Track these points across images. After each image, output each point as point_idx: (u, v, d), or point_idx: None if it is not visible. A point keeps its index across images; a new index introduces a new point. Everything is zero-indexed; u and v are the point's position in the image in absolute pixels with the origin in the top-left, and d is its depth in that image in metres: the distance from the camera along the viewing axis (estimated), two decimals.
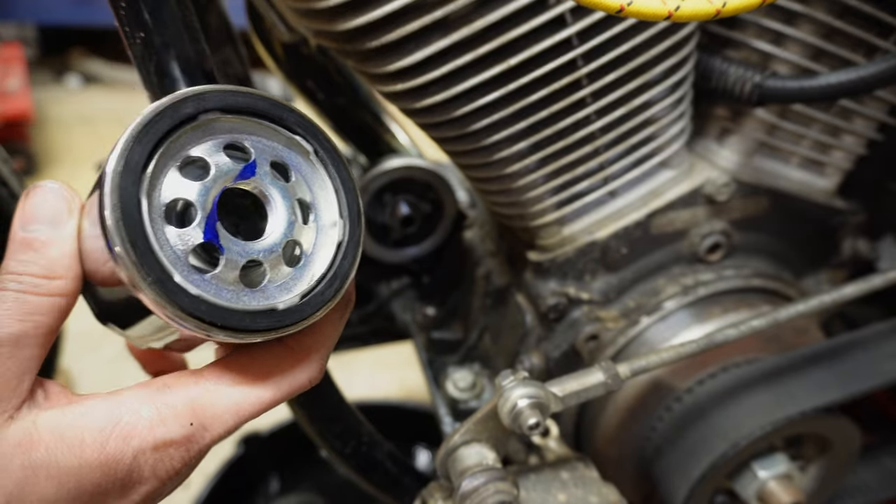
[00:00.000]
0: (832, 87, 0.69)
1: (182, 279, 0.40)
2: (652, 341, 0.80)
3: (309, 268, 0.46)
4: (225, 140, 0.44)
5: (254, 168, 0.44)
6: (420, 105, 0.66)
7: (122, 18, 0.50)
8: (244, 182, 0.44)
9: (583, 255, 0.80)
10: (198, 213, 0.42)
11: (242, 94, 0.45)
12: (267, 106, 0.46)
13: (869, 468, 0.96)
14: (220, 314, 0.41)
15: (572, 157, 0.73)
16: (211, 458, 1.65)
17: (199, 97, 0.43)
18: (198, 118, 0.43)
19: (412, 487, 0.82)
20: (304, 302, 0.44)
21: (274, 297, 0.44)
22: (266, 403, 0.47)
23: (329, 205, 0.48)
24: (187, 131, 0.43)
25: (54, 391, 0.44)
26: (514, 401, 0.60)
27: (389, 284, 1.14)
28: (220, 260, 0.42)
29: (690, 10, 0.48)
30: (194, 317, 0.40)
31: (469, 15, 0.61)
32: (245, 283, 0.43)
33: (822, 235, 0.88)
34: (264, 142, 0.46)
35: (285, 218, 0.45)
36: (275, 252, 0.44)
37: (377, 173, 1.00)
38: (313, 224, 0.47)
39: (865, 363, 0.79)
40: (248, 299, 0.43)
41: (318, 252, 0.47)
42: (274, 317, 0.43)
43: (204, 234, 0.42)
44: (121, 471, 0.42)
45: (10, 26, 4.06)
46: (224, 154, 0.44)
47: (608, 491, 0.71)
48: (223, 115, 0.44)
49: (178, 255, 0.41)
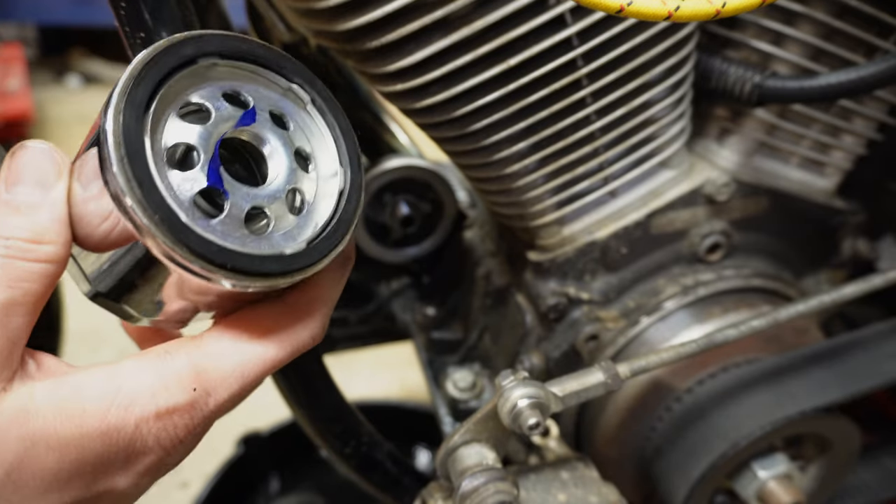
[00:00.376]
0: (832, 87, 0.69)
1: (189, 220, 0.39)
2: (652, 341, 0.80)
3: (312, 216, 0.46)
4: (223, 88, 0.44)
5: (254, 115, 0.44)
6: (420, 105, 0.66)
7: (122, 18, 0.50)
8: (243, 130, 0.44)
9: (583, 255, 0.80)
10: (200, 157, 0.41)
11: (241, 39, 0.44)
12: (265, 53, 0.45)
13: (869, 468, 0.96)
14: (228, 256, 0.40)
15: (572, 157, 0.73)
16: (211, 458, 1.65)
17: (198, 39, 0.42)
18: (196, 62, 0.42)
19: (412, 487, 0.82)
20: (311, 247, 0.44)
21: (280, 245, 0.43)
22: (270, 363, 0.45)
23: (328, 154, 0.47)
24: (186, 76, 0.42)
25: (49, 362, 0.43)
26: (514, 401, 0.60)
27: (389, 284, 1.14)
28: (225, 204, 0.41)
29: (690, 10, 0.48)
30: (204, 258, 0.39)
31: (469, 15, 0.61)
32: (250, 231, 0.43)
33: (822, 235, 0.88)
34: (262, 91, 0.46)
35: (286, 165, 0.45)
36: (278, 198, 0.44)
37: (377, 173, 1.00)
38: (314, 173, 0.47)
39: (865, 363, 0.79)
40: (255, 245, 0.42)
41: (321, 201, 0.46)
42: (282, 261, 0.42)
43: (208, 177, 0.41)
44: (123, 440, 0.40)
45: (10, 26, 4.06)
46: (223, 101, 0.43)
47: (608, 491, 0.71)
48: (221, 62, 0.44)
49: (183, 199, 0.40)
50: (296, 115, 0.47)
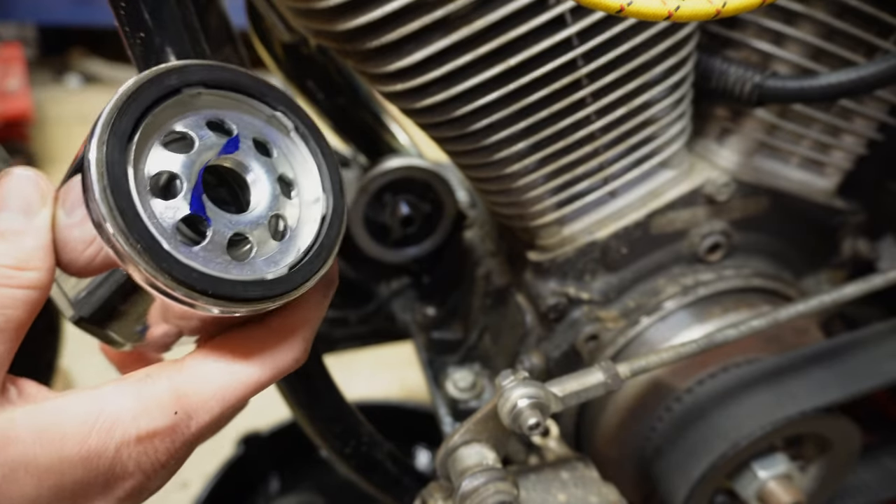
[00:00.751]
0: (832, 87, 0.69)
1: (171, 248, 0.40)
2: (652, 341, 0.80)
3: (295, 241, 0.46)
4: (207, 116, 0.45)
5: (237, 143, 0.45)
6: (420, 105, 0.66)
7: (122, 18, 0.50)
8: (227, 157, 0.44)
9: (583, 255, 0.80)
10: (183, 185, 0.42)
11: (224, 69, 0.45)
12: (248, 82, 0.46)
13: (869, 468, 0.96)
14: (210, 282, 0.40)
15: (572, 157, 0.73)
16: (211, 458, 1.65)
17: (182, 70, 0.43)
18: (181, 91, 0.43)
19: (412, 487, 0.82)
20: (293, 272, 0.44)
21: (262, 270, 0.44)
22: (252, 386, 0.45)
23: (311, 180, 0.48)
24: (170, 106, 0.43)
25: (29, 388, 0.43)
26: (514, 401, 0.60)
27: (389, 284, 1.14)
28: (208, 231, 0.42)
29: (690, 10, 0.48)
30: (185, 284, 0.40)
31: (469, 15, 0.61)
32: (233, 257, 0.43)
33: (822, 235, 0.88)
34: (246, 118, 0.46)
35: (269, 192, 0.46)
36: (260, 224, 0.45)
37: (377, 173, 1.00)
38: (296, 199, 0.47)
39: (865, 363, 0.79)
40: (237, 271, 0.43)
41: (303, 226, 0.47)
42: (264, 286, 0.43)
43: (190, 205, 0.42)
44: (103, 465, 0.40)
45: (10, 26, 4.06)
46: (207, 129, 0.44)
47: (608, 491, 0.71)
48: (205, 91, 0.44)
49: (166, 227, 0.41)
50: (279, 141, 0.48)
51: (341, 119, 1.07)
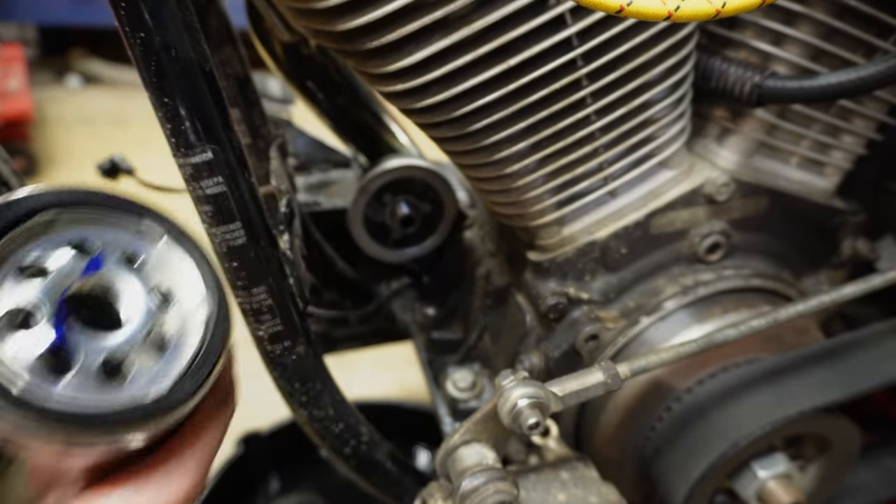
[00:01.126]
0: (832, 87, 0.69)
1: (24, 392, 0.36)
2: (652, 341, 0.80)
3: (181, 351, 0.43)
4: (68, 237, 0.42)
5: (99, 262, 0.42)
6: (420, 105, 0.66)
7: (122, 18, 0.50)
8: (89, 279, 0.42)
9: (583, 255, 0.80)
10: (44, 314, 0.39)
11: (76, 191, 0.42)
12: (104, 199, 0.43)
13: (869, 468, 0.96)
14: (77, 420, 0.37)
15: (572, 157, 0.73)
16: None
17: (30, 197, 0.40)
18: (33, 217, 0.40)
19: (412, 487, 0.82)
20: (175, 388, 0.41)
21: (143, 390, 0.40)
22: None
23: (192, 282, 0.45)
24: (22, 233, 0.40)
25: None
26: (514, 401, 0.60)
27: (389, 284, 1.14)
28: (76, 359, 0.39)
29: (690, 10, 0.48)
30: (51, 428, 0.36)
31: (469, 15, 0.61)
32: (110, 380, 0.40)
33: (821, 235, 0.88)
34: (110, 233, 0.43)
35: (143, 306, 0.43)
36: (135, 342, 0.41)
37: (377, 173, 1.00)
38: (176, 307, 0.44)
39: (865, 363, 0.79)
40: (114, 397, 0.39)
41: (188, 335, 0.44)
42: (144, 410, 0.39)
43: (52, 334, 0.39)
44: None
45: (10, 26, 4.06)
46: (68, 249, 0.41)
47: (608, 491, 0.71)
48: (64, 211, 0.42)
49: (23, 365, 0.37)
50: (150, 251, 0.45)
51: (341, 119, 1.07)
